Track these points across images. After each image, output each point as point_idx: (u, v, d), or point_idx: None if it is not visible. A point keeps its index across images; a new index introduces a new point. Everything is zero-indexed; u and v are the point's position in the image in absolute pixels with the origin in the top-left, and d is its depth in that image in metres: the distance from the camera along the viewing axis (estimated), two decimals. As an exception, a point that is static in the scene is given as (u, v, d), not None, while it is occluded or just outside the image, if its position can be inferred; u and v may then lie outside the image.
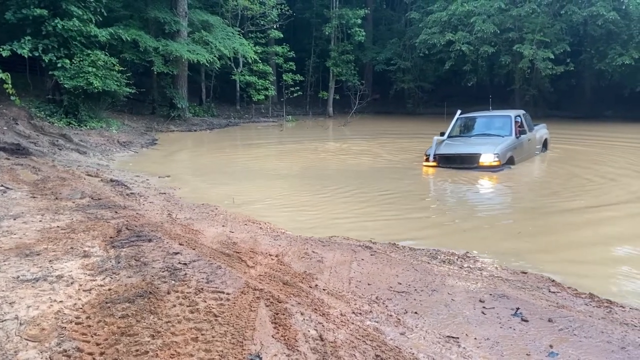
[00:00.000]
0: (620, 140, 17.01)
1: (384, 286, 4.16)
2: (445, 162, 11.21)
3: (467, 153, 11.24)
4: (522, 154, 11.94)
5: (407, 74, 32.32)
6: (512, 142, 11.56)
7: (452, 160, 11.22)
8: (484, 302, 3.86)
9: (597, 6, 22.96)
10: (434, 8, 28.33)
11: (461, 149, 11.59)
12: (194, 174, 11.25)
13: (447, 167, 11.12)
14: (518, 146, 11.72)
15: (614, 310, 3.88)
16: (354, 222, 6.95)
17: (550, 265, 5.07)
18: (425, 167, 11.43)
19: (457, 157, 11.27)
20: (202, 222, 6.24)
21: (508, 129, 11.91)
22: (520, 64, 24.88)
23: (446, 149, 11.55)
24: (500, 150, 11.02)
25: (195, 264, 4.53)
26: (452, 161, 11.20)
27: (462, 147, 11.65)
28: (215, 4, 27.80)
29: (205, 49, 22.11)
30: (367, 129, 23.44)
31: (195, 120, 24.28)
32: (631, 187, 9.24)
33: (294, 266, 4.57)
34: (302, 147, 16.77)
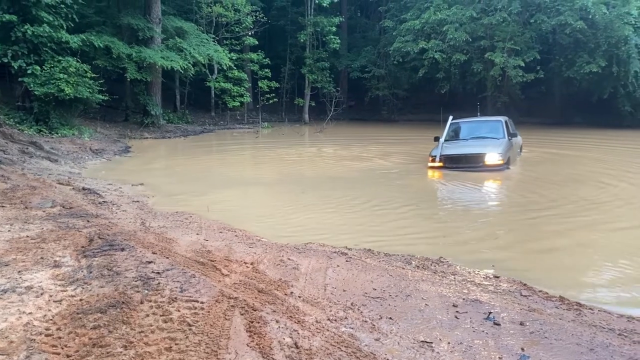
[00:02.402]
0: (597, 144, 17.45)
1: (359, 292, 4.18)
2: (450, 162, 11.69)
3: (472, 153, 11.75)
4: (514, 155, 12.54)
5: (382, 82, 32.61)
6: (507, 144, 12.15)
7: (457, 161, 11.71)
8: (457, 307, 3.91)
9: (565, 15, 23.55)
10: (408, 16, 28.69)
11: (465, 149, 12.06)
12: (168, 182, 11.13)
13: (452, 167, 11.60)
14: (510, 148, 12.28)
15: (583, 312, 3.97)
16: (330, 228, 6.96)
17: (522, 269, 5.16)
18: (431, 167, 11.87)
19: (462, 157, 11.74)
20: (176, 231, 6.18)
21: (501, 132, 12.59)
22: (491, 71, 25.34)
23: (450, 150, 12.01)
24: (503, 150, 11.63)
25: (169, 273, 4.48)
26: (457, 161, 11.69)
27: (466, 148, 12.13)
28: (189, 11, 27.67)
29: (179, 55, 21.96)
30: (343, 136, 23.55)
31: (170, 127, 24.06)
32: (614, 190, 9.49)
33: (269, 274, 4.56)
34: (278, 154, 16.76)
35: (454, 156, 11.82)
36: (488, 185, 10.75)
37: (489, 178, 11.21)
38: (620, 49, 23.33)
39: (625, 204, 8.55)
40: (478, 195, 9.88)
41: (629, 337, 3.50)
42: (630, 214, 7.99)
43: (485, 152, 11.63)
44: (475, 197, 9.72)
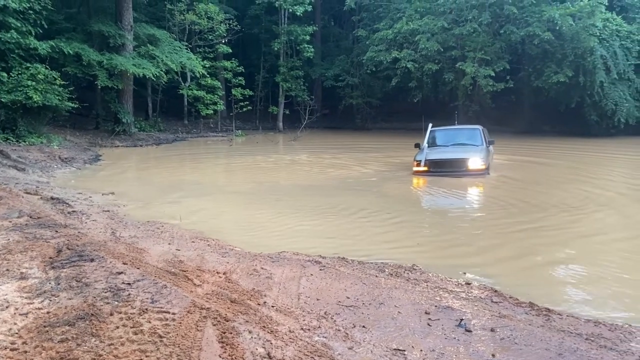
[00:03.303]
0: (567, 152, 17.86)
1: (332, 301, 4.19)
2: (435, 166, 12.14)
3: (456, 158, 12.28)
4: (491, 162, 12.93)
5: (356, 90, 32.82)
6: (486, 151, 12.64)
7: (441, 165, 12.19)
8: (429, 314, 3.95)
9: (534, 27, 24.13)
10: (380, 26, 28.97)
11: (449, 155, 12.54)
12: (140, 191, 10.97)
13: (437, 171, 12.02)
14: (489, 155, 12.76)
15: (552, 318, 4.04)
16: (305, 236, 6.96)
17: (494, 276, 5.24)
18: (417, 171, 12.29)
19: (446, 162, 12.22)
20: (147, 240, 6.09)
21: (479, 139, 13.10)
22: (462, 81, 25.75)
23: (434, 155, 12.44)
24: (484, 156, 12.15)
25: (140, 284, 4.41)
26: (441, 166, 12.17)
27: (449, 154, 12.59)
28: (162, 18, 27.44)
29: (151, 63, 21.72)
30: (318, 144, 23.60)
31: (142, 135, 23.74)
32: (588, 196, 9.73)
33: (242, 283, 4.53)
34: (253, 162, 16.69)
35: (439, 161, 12.27)
36: (464, 192, 10.95)
37: (466, 185, 11.45)
38: (586, 59, 23.99)
39: (596, 210, 8.78)
40: (453, 202, 10.01)
41: (595, 341, 3.58)
42: (600, 219, 8.20)
43: (468, 157, 12.12)
44: (450, 204, 9.85)
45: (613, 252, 6.27)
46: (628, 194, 10.42)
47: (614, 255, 6.10)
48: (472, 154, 12.28)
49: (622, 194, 10.36)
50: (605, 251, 6.30)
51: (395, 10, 29.62)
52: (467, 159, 12.10)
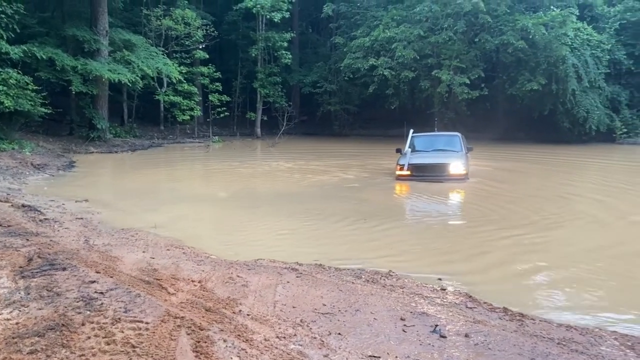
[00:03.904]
0: (541, 158, 18.17)
1: (308, 308, 4.18)
2: (417, 170, 12.44)
3: (438, 163, 12.63)
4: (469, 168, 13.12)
5: (333, 97, 32.90)
6: (466, 157, 12.96)
7: (423, 169, 12.50)
8: (404, 320, 3.97)
9: (507, 35, 24.56)
10: (358, 34, 29.13)
11: (431, 159, 12.86)
12: (115, 198, 10.82)
13: (419, 175, 12.34)
14: (468, 161, 13.02)
15: (526, 323, 4.10)
16: (283, 243, 6.94)
17: (469, 282, 5.29)
18: (400, 175, 12.59)
19: (429, 167, 12.53)
20: (121, 248, 6.01)
21: (458, 145, 13.46)
22: (438, 88, 26.01)
23: (417, 159, 12.71)
24: (464, 162, 12.49)
25: (113, 293, 4.35)
26: (423, 170, 12.48)
27: (431, 159, 12.92)
28: (138, 24, 27.17)
29: (127, 68, 21.46)
30: (296, 150, 23.58)
31: (117, 141, 23.41)
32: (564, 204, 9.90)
33: (217, 292, 4.49)
34: (229, 168, 16.60)
35: (421, 165, 12.57)
36: (443, 198, 11.05)
37: (445, 191, 11.58)
38: (558, 67, 24.49)
39: (570, 217, 8.95)
40: (432, 209, 10.10)
41: (567, 345, 3.64)
42: (574, 225, 8.36)
43: (449, 162, 12.46)
44: (429, 211, 9.93)
45: (586, 258, 6.39)
46: (602, 200, 10.64)
47: (587, 261, 6.22)
48: (453, 159, 12.62)
49: (596, 200, 10.58)
50: (578, 257, 6.42)
51: (372, 18, 29.84)
52: (449, 164, 12.45)
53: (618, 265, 6.08)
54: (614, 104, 27.29)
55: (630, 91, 27.85)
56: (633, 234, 7.85)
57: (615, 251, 6.68)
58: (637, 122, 27.15)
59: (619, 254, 6.53)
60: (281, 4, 28.27)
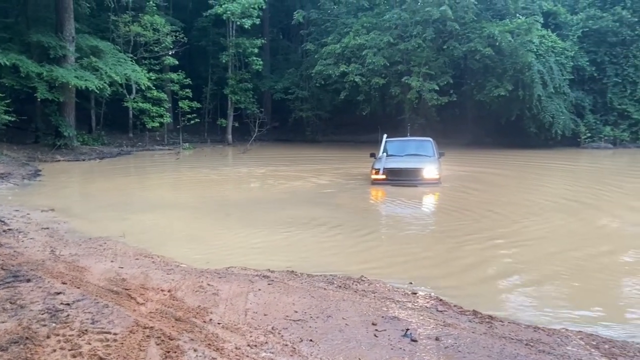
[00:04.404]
0: (510, 162, 18.52)
1: (280, 315, 4.16)
2: (392, 175, 12.69)
3: (412, 167, 12.88)
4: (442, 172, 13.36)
5: (305, 103, 32.92)
6: (438, 161, 13.22)
7: (398, 173, 12.75)
8: (376, 325, 3.98)
9: (475, 42, 25.03)
10: (328, 40, 29.26)
11: (406, 164, 13.06)
12: (82, 207, 10.58)
13: (394, 179, 12.60)
14: (440, 165, 13.25)
15: (495, 325, 4.17)
16: (254, 251, 6.89)
17: (439, 285, 5.35)
18: (375, 179, 12.82)
19: (403, 171, 12.84)
20: (89, 258, 5.88)
21: (431, 150, 13.72)
22: (409, 94, 26.30)
23: (392, 164, 12.92)
24: (437, 166, 12.78)
25: (80, 304, 4.25)
26: (398, 174, 12.73)
27: (405, 163, 13.12)
28: (105, 30, 26.74)
29: (94, 75, 21.08)
30: (268, 156, 23.50)
31: (84, 149, 22.93)
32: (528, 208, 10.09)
33: (187, 301, 4.44)
34: (201, 175, 16.42)
35: (396, 169, 12.83)
36: (416, 202, 11.19)
37: (419, 196, 11.75)
38: (524, 74, 25.05)
39: (539, 219, 9.14)
40: (405, 213, 10.20)
41: (535, 346, 3.71)
42: (542, 227, 8.53)
43: (423, 167, 12.71)
44: (402, 215, 10.03)
45: (553, 260, 6.53)
46: (570, 203, 10.90)
47: (554, 263, 6.36)
48: (426, 164, 12.91)
49: (564, 203, 10.83)
50: (546, 259, 6.56)
51: (343, 25, 30.04)
52: (423, 169, 12.72)
53: (584, 267, 6.23)
54: (578, 109, 28.08)
55: (594, 97, 28.68)
56: (600, 236, 8.06)
57: (582, 253, 6.84)
58: (601, 127, 27.96)
59: (586, 256, 6.69)
60: (251, 10, 28.21)
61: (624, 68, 28.18)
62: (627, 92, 28.16)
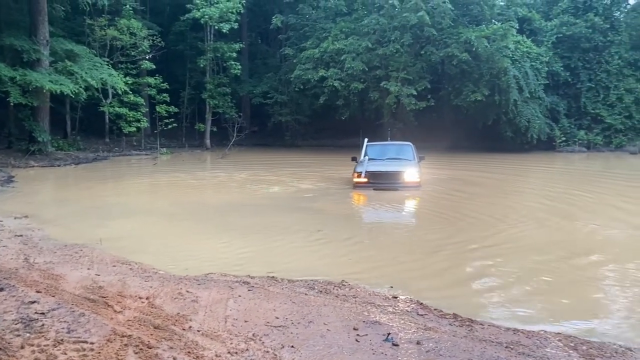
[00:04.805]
0: (488, 166, 18.73)
1: (261, 322, 4.12)
2: (374, 178, 12.80)
3: (393, 171, 13.05)
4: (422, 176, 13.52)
5: (284, 108, 32.90)
6: (418, 165, 13.37)
7: (379, 177, 12.88)
8: (357, 330, 3.97)
9: (452, 48, 25.36)
10: (307, 45, 29.34)
11: (387, 167, 13.19)
12: (57, 213, 10.36)
13: (375, 182, 12.72)
14: (420, 169, 13.38)
15: (475, 328, 4.19)
16: (234, 256, 6.83)
17: (419, 289, 5.36)
18: (357, 182, 12.94)
19: (384, 174, 12.96)
20: (64, 266, 5.76)
21: (411, 154, 13.92)
22: (387, 99, 26.50)
23: (373, 167, 13.02)
24: (418, 170, 12.93)
25: (55, 313, 4.15)
26: (379, 177, 12.87)
27: (387, 167, 13.25)
28: (81, 33, 26.38)
29: (70, 79, 20.75)
30: (247, 161, 23.40)
31: (59, 154, 22.53)
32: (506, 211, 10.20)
33: (166, 308, 4.36)
34: (179, 181, 16.25)
35: (377, 173, 12.93)
36: (397, 207, 11.24)
37: (400, 200, 11.81)
38: (500, 79, 25.45)
39: (517, 222, 9.25)
40: (387, 217, 10.24)
41: (514, 349, 3.73)
42: (520, 230, 8.64)
43: (404, 170, 12.87)
44: (383, 219, 10.05)
45: (532, 262, 6.61)
46: (547, 205, 11.08)
47: (533, 266, 6.44)
48: (407, 167, 13.06)
49: (542, 206, 11.01)
50: (525, 262, 6.63)
51: (321, 30, 30.14)
52: (404, 172, 12.87)
53: (562, 269, 6.32)
54: (553, 114, 28.63)
55: (568, 101, 29.29)
56: (577, 238, 8.19)
57: (559, 255, 6.93)
58: (575, 131, 28.55)
59: (563, 258, 6.78)
60: (230, 15, 28.12)
61: (596, 73, 28.85)
62: (600, 97, 28.82)
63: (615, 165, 21.88)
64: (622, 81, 28.70)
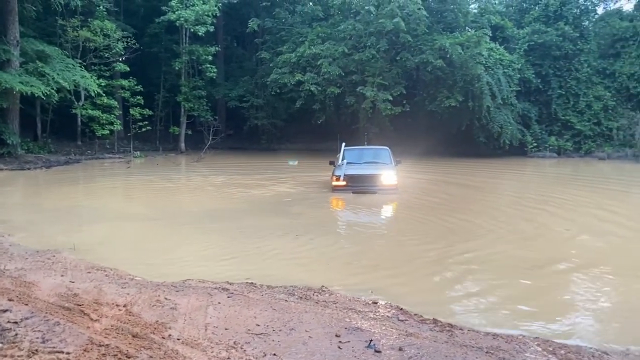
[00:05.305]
0: (462, 170, 18.95)
1: (242, 329, 4.07)
2: (352, 181, 12.95)
3: (371, 174, 13.20)
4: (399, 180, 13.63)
5: (260, 111, 32.78)
6: (395, 169, 13.53)
7: (357, 180, 13.00)
8: (339, 337, 3.95)
9: (427, 54, 25.67)
10: (284, 49, 29.32)
11: (365, 171, 13.34)
12: (28, 218, 10.08)
13: (354, 185, 12.87)
14: (397, 173, 13.51)
15: (455, 333, 4.22)
16: (212, 262, 6.76)
17: (399, 293, 5.38)
18: (336, 186, 13.07)
19: (362, 177, 13.12)
20: (37, 273, 5.60)
21: (388, 158, 14.11)
22: (363, 104, 26.64)
23: (352, 171, 13.14)
24: (395, 173, 13.09)
25: (29, 322, 4.03)
26: (357, 180, 13.00)
27: (365, 170, 13.39)
28: (53, 34, 25.85)
29: (41, 80, 20.32)
30: (222, 165, 23.21)
31: (29, 157, 22.00)
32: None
33: (144, 316, 4.28)
34: (153, 185, 16.02)
35: (355, 176, 13.08)
36: (374, 210, 11.28)
37: (378, 204, 11.89)
38: (474, 85, 25.84)
39: (494, 226, 9.36)
40: (364, 221, 10.24)
41: (495, 354, 3.77)
42: (497, 235, 8.74)
43: (382, 173, 13.05)
44: (360, 223, 10.05)
45: (508, 266, 6.71)
46: (521, 210, 11.25)
47: (509, 270, 6.53)
48: (385, 171, 13.25)
49: (516, 210, 11.17)
50: (501, 266, 6.72)
51: (298, 35, 30.16)
52: (381, 175, 13.04)
53: (539, 273, 6.42)
54: (524, 120, 29.17)
55: (539, 108, 29.90)
56: (553, 243, 8.32)
57: (536, 260, 7.04)
58: (546, 137, 29.15)
59: (541, 263, 6.89)
60: (205, 17, 27.89)
61: (567, 81, 29.52)
62: (570, 104, 29.50)
63: (584, 171, 22.39)
64: (591, 89, 29.43)
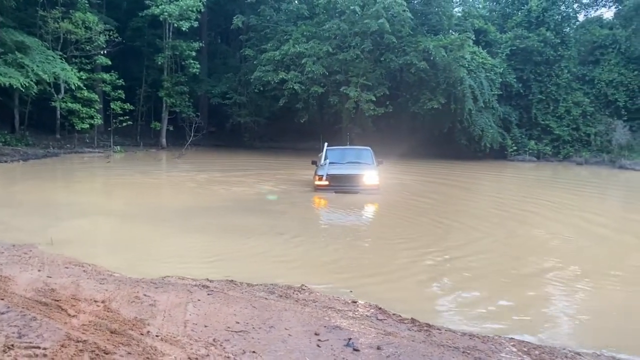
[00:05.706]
0: (444, 172, 19.13)
1: (221, 327, 4.07)
2: (335, 181, 13.02)
3: (353, 174, 13.29)
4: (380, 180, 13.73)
5: (243, 109, 32.64)
6: (377, 169, 13.64)
7: (339, 179, 13.08)
8: (319, 335, 3.98)
9: (411, 56, 25.84)
10: (268, 47, 29.24)
11: (348, 171, 13.40)
12: (4, 212, 9.90)
13: (336, 185, 12.93)
14: (378, 173, 13.62)
15: (433, 333, 4.27)
16: (192, 259, 6.72)
17: (378, 292, 5.43)
18: (318, 185, 13.14)
19: (345, 177, 13.17)
20: (13, 267, 5.52)
21: (370, 159, 14.20)
22: (346, 104, 26.73)
23: (335, 170, 13.19)
24: (377, 173, 13.20)
25: (4, 317, 3.97)
26: (340, 180, 13.07)
27: (347, 170, 13.45)
28: (33, 25, 25.40)
29: (19, 72, 19.98)
30: (204, 161, 23.09)
31: (6, 150, 21.63)
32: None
33: (123, 312, 4.25)
34: (134, 180, 15.87)
35: (338, 176, 13.15)
36: (356, 210, 11.31)
37: (360, 203, 11.91)
38: (457, 88, 26.10)
39: (472, 227, 9.47)
40: (345, 221, 10.27)
41: (471, 354, 3.83)
42: (475, 236, 8.83)
43: (364, 173, 13.14)
44: (342, 223, 10.09)
45: (487, 267, 6.80)
46: (500, 212, 11.40)
47: (487, 271, 6.62)
48: (367, 171, 13.34)
49: (495, 212, 11.32)
50: (479, 267, 6.81)
51: (282, 33, 30.11)
52: (363, 175, 13.13)
53: (517, 274, 6.52)
54: (505, 124, 29.57)
55: (520, 112, 30.33)
56: (531, 244, 8.45)
57: (514, 260, 7.16)
58: (526, 141, 29.59)
59: (518, 263, 7.00)
60: (190, 12, 27.69)
61: (547, 86, 30.00)
62: (549, 109, 29.98)
63: (563, 175, 22.78)
64: (571, 94, 29.96)
